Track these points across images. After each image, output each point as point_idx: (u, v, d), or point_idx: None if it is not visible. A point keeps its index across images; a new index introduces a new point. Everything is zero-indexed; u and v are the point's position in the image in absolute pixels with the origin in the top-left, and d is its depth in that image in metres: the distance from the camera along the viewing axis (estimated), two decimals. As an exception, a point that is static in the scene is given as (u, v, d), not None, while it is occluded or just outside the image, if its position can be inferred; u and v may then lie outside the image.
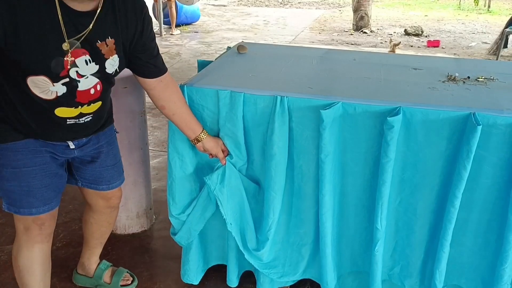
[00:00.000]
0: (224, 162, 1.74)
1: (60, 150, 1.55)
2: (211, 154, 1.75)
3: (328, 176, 1.65)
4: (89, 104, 1.48)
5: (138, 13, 1.48)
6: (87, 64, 1.38)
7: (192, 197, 1.85)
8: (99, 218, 1.88)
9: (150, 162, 2.50)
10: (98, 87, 1.47)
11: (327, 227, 1.72)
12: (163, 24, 8.39)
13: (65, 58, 1.33)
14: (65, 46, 1.32)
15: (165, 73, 1.62)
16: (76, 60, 1.35)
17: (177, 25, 8.53)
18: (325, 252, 1.77)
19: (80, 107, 1.46)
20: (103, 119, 1.62)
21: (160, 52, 1.62)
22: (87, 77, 1.41)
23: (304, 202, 1.79)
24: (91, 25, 1.35)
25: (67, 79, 1.37)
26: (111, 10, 1.40)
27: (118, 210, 1.94)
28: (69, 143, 1.56)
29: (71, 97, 1.41)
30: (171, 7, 8.16)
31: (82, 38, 1.34)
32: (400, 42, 5.88)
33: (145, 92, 1.83)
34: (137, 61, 1.54)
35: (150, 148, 2.48)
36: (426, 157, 1.62)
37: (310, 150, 1.68)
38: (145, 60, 1.55)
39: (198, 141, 1.70)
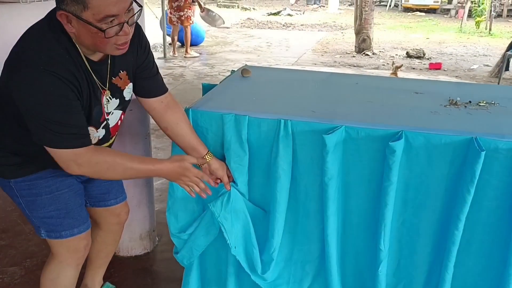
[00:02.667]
0: (229, 187, 1.73)
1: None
2: (216, 183, 1.73)
3: (332, 198, 1.66)
4: (115, 135, 1.59)
5: (138, 40, 1.53)
6: (108, 101, 1.46)
7: (194, 216, 1.85)
8: (106, 236, 1.90)
9: (154, 184, 2.51)
10: (122, 117, 1.57)
11: (332, 247, 1.73)
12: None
13: (101, 105, 1.44)
14: (107, 93, 1.44)
15: (165, 92, 1.65)
16: (103, 103, 1.45)
17: (180, 46, 8.64)
18: (331, 271, 1.77)
19: (110, 140, 1.56)
20: None
21: (164, 73, 1.68)
22: (112, 112, 1.49)
23: (308, 220, 1.79)
24: (109, 66, 1.44)
25: (105, 122, 1.47)
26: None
27: (123, 229, 1.97)
28: None
29: (107, 135, 1.51)
30: (186, 31, 8.28)
31: (109, 79, 1.44)
32: (402, 64, 5.93)
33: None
34: (137, 80, 1.58)
35: (154, 169, 2.50)
36: (429, 180, 1.63)
37: (314, 171, 1.70)
38: (143, 78, 1.59)
39: (204, 162, 1.69)
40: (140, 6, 1.37)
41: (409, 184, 1.65)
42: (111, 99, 1.47)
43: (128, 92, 1.54)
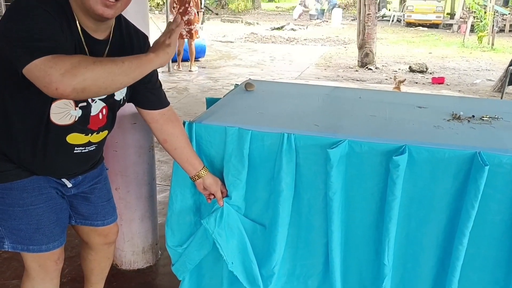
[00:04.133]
0: (222, 203, 1.73)
1: (60, 187, 1.57)
2: (209, 198, 1.75)
3: (336, 212, 1.66)
4: (98, 132, 1.50)
5: (142, 42, 1.54)
6: None
7: (191, 231, 1.86)
8: (97, 255, 1.86)
9: (157, 197, 2.51)
10: (104, 111, 1.49)
11: (336, 261, 1.73)
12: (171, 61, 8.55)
13: None
14: None
15: (167, 106, 1.66)
16: None
17: (183, 60, 8.68)
18: (334, 286, 1.76)
19: (90, 134, 1.49)
20: (101, 153, 1.65)
21: (168, 87, 1.68)
22: (96, 101, 1.45)
23: (311, 234, 1.79)
24: (106, 51, 1.41)
25: (85, 103, 1.41)
26: (119, 38, 1.46)
27: (115, 245, 1.92)
28: (66, 182, 1.57)
29: (85, 122, 1.44)
30: (190, 45, 8.33)
31: None
32: (405, 79, 5.95)
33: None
34: (140, 91, 1.58)
35: (157, 182, 2.50)
36: (432, 194, 1.63)
37: (317, 184, 1.70)
38: (147, 90, 1.59)
39: (199, 177, 1.70)
40: None
41: (413, 198, 1.65)
42: None
43: (119, 91, 1.47)
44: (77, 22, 1.33)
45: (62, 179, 1.55)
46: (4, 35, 1.21)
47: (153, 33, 2.24)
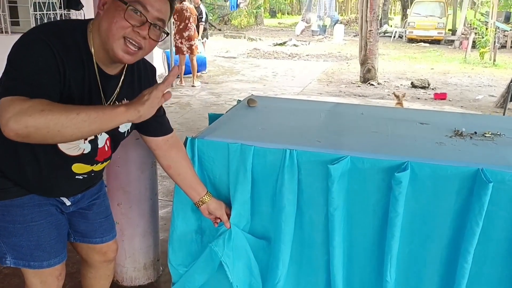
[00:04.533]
0: (228, 225, 1.74)
1: (59, 205, 1.56)
2: (216, 222, 1.76)
3: (338, 229, 1.65)
4: (102, 163, 1.51)
5: (150, 76, 1.55)
6: None
7: (193, 249, 1.86)
8: (97, 272, 1.84)
9: (159, 212, 2.50)
10: (108, 143, 1.50)
11: (338, 278, 1.72)
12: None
13: None
14: None
15: (171, 132, 1.67)
16: None
17: (185, 75, 8.74)
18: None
19: (95, 164, 1.49)
20: (101, 176, 1.65)
21: (171, 102, 1.68)
22: (101, 134, 1.45)
23: (314, 251, 1.78)
24: (119, 87, 1.42)
25: (93, 137, 1.41)
26: (130, 74, 1.47)
27: (116, 261, 1.90)
28: (65, 200, 1.56)
29: (93, 154, 1.45)
30: (192, 60, 8.40)
31: (112, 99, 1.41)
32: (405, 93, 5.95)
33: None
34: (145, 120, 1.58)
35: (158, 198, 2.49)
36: (435, 211, 1.63)
37: (320, 201, 1.69)
38: (152, 118, 1.59)
39: (203, 203, 1.71)
40: (167, 33, 1.38)
41: (415, 215, 1.64)
42: None
43: (124, 124, 1.41)
44: (94, 57, 1.33)
45: (61, 198, 1.55)
46: (8, 57, 1.23)
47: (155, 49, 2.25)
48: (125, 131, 1.53)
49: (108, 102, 1.41)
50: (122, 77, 1.43)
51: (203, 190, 1.72)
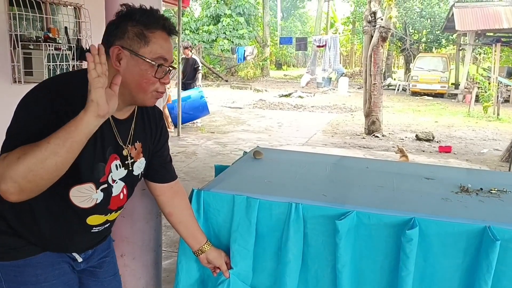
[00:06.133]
0: (228, 275, 1.72)
1: (71, 262, 1.54)
2: (215, 272, 1.74)
3: (346, 285, 1.63)
4: (116, 211, 1.51)
5: (158, 119, 1.59)
6: (117, 169, 1.43)
7: None
8: None
9: (162, 264, 2.47)
10: (125, 191, 1.50)
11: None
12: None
13: (106, 164, 1.38)
14: (125, 152, 1.43)
15: (176, 179, 1.69)
16: (110, 165, 1.41)
17: (183, 122, 8.84)
18: None
19: (109, 214, 1.49)
20: (112, 227, 1.64)
21: (177, 151, 1.71)
22: (117, 182, 1.45)
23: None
24: (132, 130, 1.45)
25: (106, 185, 1.41)
26: (140, 116, 1.50)
27: None
28: (76, 257, 1.53)
29: (106, 203, 1.44)
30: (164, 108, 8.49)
31: (128, 143, 1.44)
32: (403, 146, 6.00)
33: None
34: (151, 165, 1.60)
35: (162, 248, 2.47)
36: (443, 268, 1.60)
37: (325, 255, 1.68)
38: (159, 164, 1.62)
39: (202, 252, 1.70)
40: (175, 68, 1.43)
41: (423, 272, 1.62)
42: (119, 168, 1.43)
43: (138, 166, 1.50)
44: None
45: (73, 254, 1.52)
46: (15, 110, 1.26)
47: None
48: (138, 174, 1.54)
49: (127, 145, 1.44)
50: (134, 120, 1.47)
51: (203, 238, 1.71)
